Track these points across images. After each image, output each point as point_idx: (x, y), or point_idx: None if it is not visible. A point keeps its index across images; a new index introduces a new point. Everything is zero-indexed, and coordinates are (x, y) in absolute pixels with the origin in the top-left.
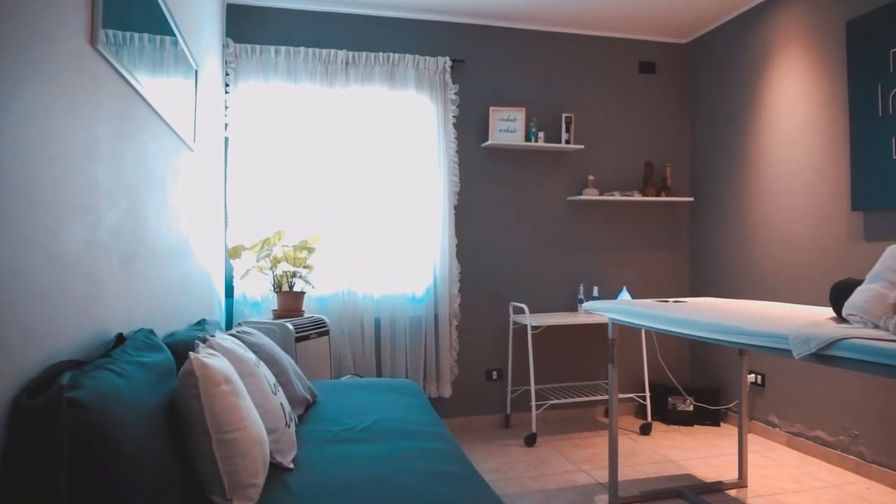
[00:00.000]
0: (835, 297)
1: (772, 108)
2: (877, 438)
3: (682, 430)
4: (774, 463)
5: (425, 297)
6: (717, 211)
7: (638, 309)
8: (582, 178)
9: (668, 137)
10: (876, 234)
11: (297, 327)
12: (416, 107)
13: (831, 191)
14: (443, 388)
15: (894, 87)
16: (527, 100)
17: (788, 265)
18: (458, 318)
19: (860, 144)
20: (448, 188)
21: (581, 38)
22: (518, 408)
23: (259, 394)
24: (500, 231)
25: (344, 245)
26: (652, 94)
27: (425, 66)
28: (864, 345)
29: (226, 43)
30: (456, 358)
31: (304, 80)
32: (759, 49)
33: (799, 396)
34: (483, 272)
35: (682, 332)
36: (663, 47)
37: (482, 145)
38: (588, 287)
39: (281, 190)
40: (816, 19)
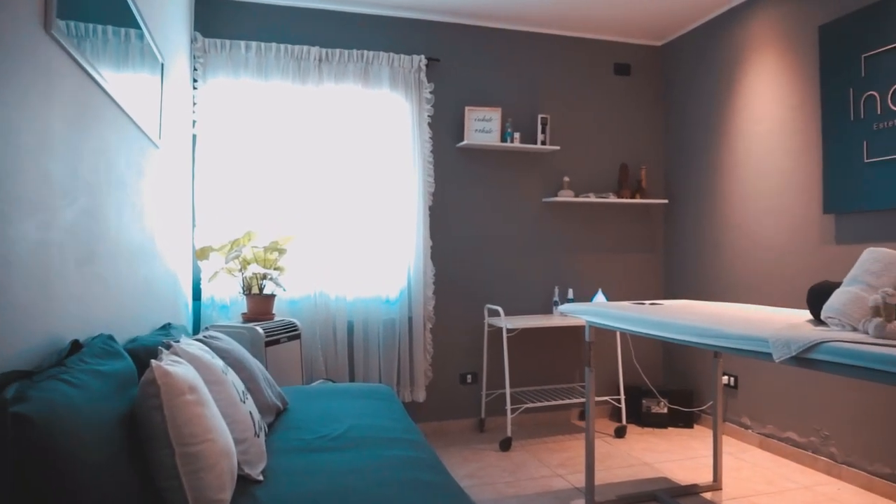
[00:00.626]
0: (812, 300)
1: (745, 111)
2: (847, 439)
3: (657, 433)
4: (748, 464)
5: (399, 300)
6: (690, 213)
7: (616, 311)
8: (557, 180)
9: (643, 139)
10: (847, 237)
11: (267, 331)
12: (390, 106)
13: (803, 193)
14: (417, 393)
15: (866, 91)
16: (503, 100)
17: (761, 267)
18: (432, 321)
19: (832, 148)
20: (423, 189)
21: (557, 38)
22: (492, 412)
23: (226, 402)
24: (475, 232)
25: (316, 246)
26: (627, 96)
27: (400, 64)
28: (845, 348)
29: (194, 37)
30: (430, 361)
31: (276, 76)
32: (732, 52)
33: (771, 398)
34: (458, 274)
35: (662, 336)
36: (638, 49)
37: (457, 145)
38: (563, 289)
39: (251, 190)
40: (789, 24)
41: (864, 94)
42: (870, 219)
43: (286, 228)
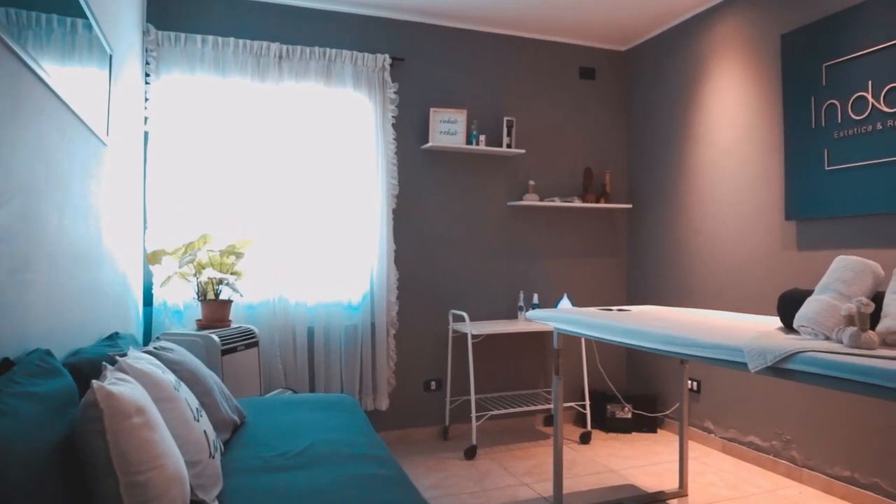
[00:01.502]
0: (783, 308)
1: (708, 117)
2: (808, 443)
3: (621, 438)
4: (711, 469)
5: (361, 305)
6: (654, 218)
7: (586, 319)
8: (523, 183)
9: (607, 144)
10: (808, 244)
11: (223, 339)
12: (353, 105)
13: (766, 200)
14: (380, 401)
15: (827, 100)
16: (468, 101)
17: (723, 273)
18: (395, 327)
19: (794, 155)
20: (386, 191)
21: (523, 40)
22: (457, 419)
23: (179, 422)
24: (439, 236)
25: (275, 250)
26: (592, 100)
27: (363, 63)
28: (821, 358)
29: (146, 29)
30: (393, 368)
31: (234, 73)
32: (696, 59)
33: (733, 402)
34: (422, 278)
35: (634, 344)
36: (603, 54)
37: (422, 147)
38: (528, 294)
39: (207, 191)
40: (752, 32)
41: (826, 103)
42: (830, 225)
43: (244, 231)
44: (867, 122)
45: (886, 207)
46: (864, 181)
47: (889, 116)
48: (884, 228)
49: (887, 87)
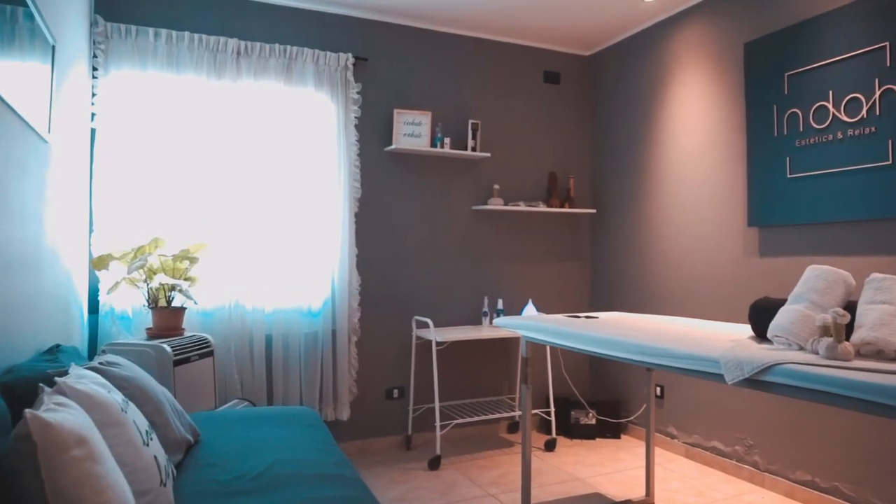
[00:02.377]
0: (755, 317)
1: (672, 123)
2: (770, 448)
3: (586, 444)
4: (676, 475)
5: (322, 311)
6: (617, 223)
7: (556, 327)
8: (487, 187)
9: (572, 148)
10: (770, 250)
11: (175, 349)
12: (314, 105)
13: (729, 206)
14: (340, 411)
15: (789, 108)
16: (433, 103)
17: (686, 279)
18: (357, 334)
19: (756, 163)
20: (348, 194)
21: (488, 43)
22: (420, 427)
23: (126, 448)
24: (403, 241)
25: (232, 254)
26: (556, 105)
27: (326, 61)
28: (800, 370)
29: (94, 20)
30: (355, 377)
31: (189, 69)
32: (660, 65)
33: (696, 408)
34: (385, 284)
35: (607, 354)
36: (567, 58)
37: (385, 149)
38: (493, 299)
39: (159, 192)
40: (716, 39)
41: (788, 112)
42: (792, 232)
43: (198, 235)
44: (828, 132)
45: (846, 215)
46: (824, 189)
47: (849, 126)
48: (844, 236)
49: (848, 98)
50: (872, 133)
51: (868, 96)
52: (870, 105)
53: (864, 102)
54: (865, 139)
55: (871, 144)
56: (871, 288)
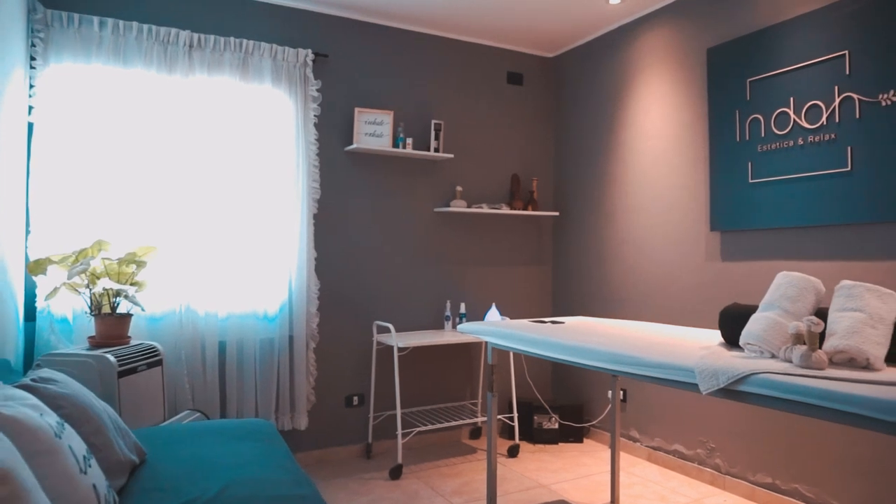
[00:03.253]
0: (724, 323)
1: (635, 126)
2: (731, 450)
3: (548, 450)
4: (639, 480)
5: (279, 316)
6: (580, 226)
7: (523, 334)
8: (450, 189)
9: (535, 150)
10: (732, 255)
11: (121, 359)
12: (272, 102)
13: (691, 210)
14: (298, 420)
15: (751, 114)
16: (395, 103)
17: (649, 283)
18: (316, 340)
19: (719, 167)
20: (307, 195)
21: (451, 42)
22: (380, 435)
23: (60, 479)
24: (364, 243)
25: (183, 256)
26: (519, 106)
27: (284, 57)
28: (778, 380)
29: (32, 6)
30: (313, 384)
31: (137, 62)
32: (623, 68)
33: (658, 411)
34: (345, 288)
35: (577, 362)
36: (531, 59)
37: (346, 149)
38: (455, 303)
39: (103, 192)
40: (679, 44)
41: (750, 117)
42: (754, 237)
43: (147, 237)
44: (789, 138)
45: (807, 221)
46: (785, 195)
47: (810, 132)
48: (805, 241)
49: (808, 104)
50: (832, 140)
51: (828, 103)
52: (829, 112)
53: (823, 109)
54: (825, 146)
55: (831, 151)
56: (841, 295)
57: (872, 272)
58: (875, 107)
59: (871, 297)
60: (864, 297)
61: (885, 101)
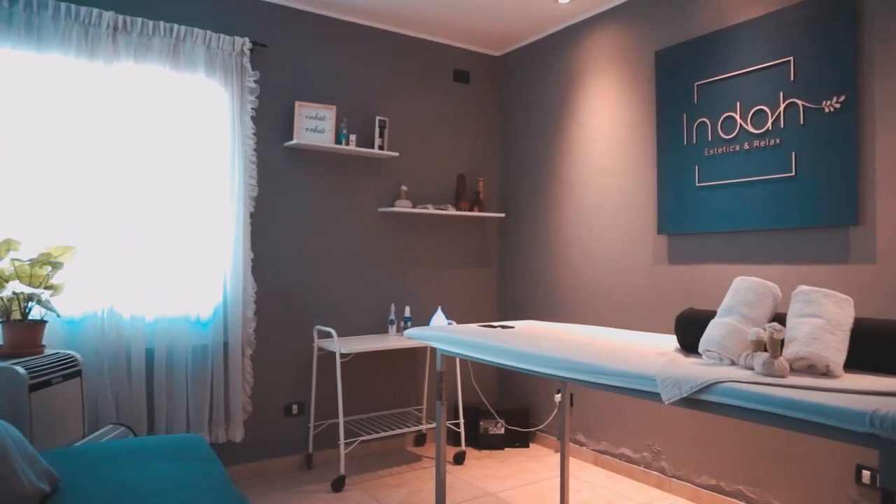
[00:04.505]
0: (681, 329)
1: (583, 128)
2: (676, 453)
3: (495, 455)
4: (586, 485)
5: (213, 321)
6: (527, 228)
7: (474, 340)
8: (395, 189)
9: (482, 150)
10: (679, 258)
11: (32, 371)
12: (205, 93)
13: (639, 213)
14: (233, 431)
15: (699, 118)
16: (338, 97)
17: (596, 286)
18: (252, 346)
19: (666, 170)
20: (243, 192)
21: (397, 36)
22: (321, 445)
23: None
24: (304, 244)
25: (106, 256)
26: (466, 105)
27: (219, 45)
28: (742, 389)
29: None
30: (250, 393)
31: (54, 46)
32: (571, 69)
33: (604, 415)
34: (284, 291)
35: (533, 370)
36: (477, 57)
37: (285, 144)
38: (400, 306)
39: (13, 188)
40: (627, 46)
41: (697, 121)
42: (701, 241)
43: (64, 236)
44: (735, 142)
45: (753, 225)
46: (732, 199)
47: (756, 137)
48: (751, 245)
49: (754, 109)
50: (777, 145)
51: (773, 109)
52: (775, 117)
53: (769, 115)
54: (770, 150)
55: (776, 156)
56: (799, 301)
57: (816, 276)
58: (819, 113)
59: (828, 302)
60: (822, 302)
61: (829, 108)
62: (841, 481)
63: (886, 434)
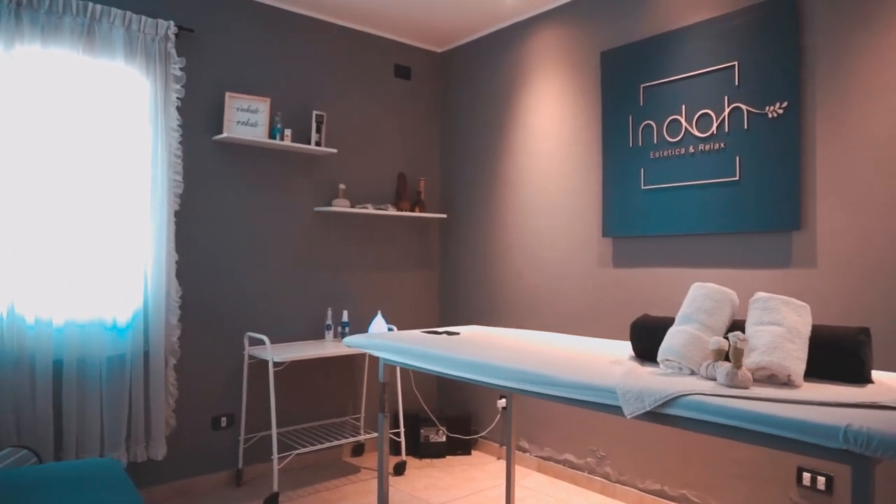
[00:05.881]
0: (636, 336)
1: (526, 128)
2: (620, 458)
3: (436, 464)
4: (530, 492)
5: (132, 327)
6: (469, 230)
7: (419, 349)
8: (332, 187)
9: (423, 149)
10: (624, 261)
11: None
12: (124, 80)
13: (584, 216)
14: (155, 449)
15: (644, 120)
16: (273, 89)
17: (540, 289)
18: (177, 356)
19: (612, 172)
20: (166, 188)
21: (337, 28)
22: (253, 459)
23: None
24: (235, 245)
25: (6, 251)
26: (407, 101)
27: (140, 27)
28: (708, 402)
29: None
30: (174, 406)
31: None
32: (515, 67)
33: (548, 420)
34: (213, 295)
35: (484, 381)
36: (419, 53)
37: (214, 138)
38: (337, 311)
39: None
40: (573, 46)
41: (643, 123)
42: (646, 244)
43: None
44: (680, 145)
45: (698, 229)
46: (677, 202)
47: (701, 141)
48: (695, 249)
49: (699, 113)
50: (721, 149)
51: (718, 113)
52: (719, 122)
53: (714, 119)
54: (715, 154)
55: (721, 160)
56: (757, 308)
57: (760, 281)
58: (763, 118)
59: (787, 310)
60: (781, 310)
61: (772, 114)
62: (782, 483)
63: (860, 450)
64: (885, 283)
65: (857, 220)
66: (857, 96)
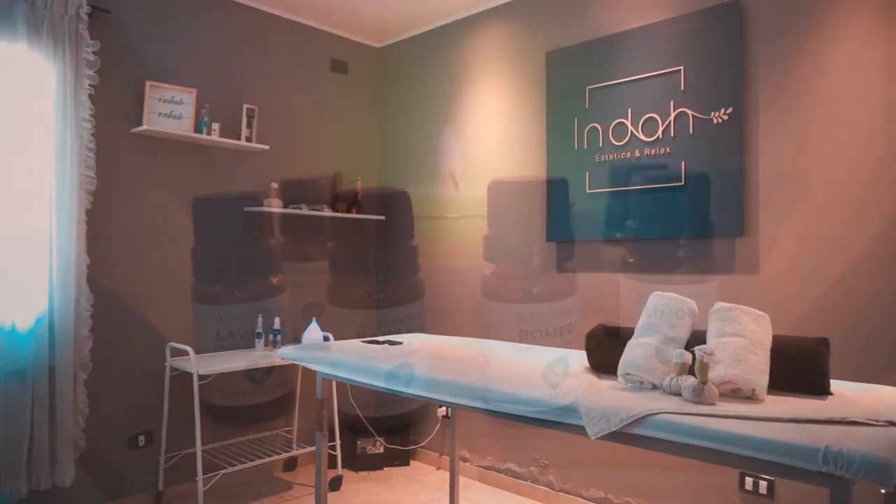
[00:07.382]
0: (593, 348)
1: (469, 128)
2: (564, 466)
3: (374, 477)
4: (472, 503)
5: (34, 336)
6: (407, 233)
7: (361, 363)
8: (264, 186)
9: (360, 147)
10: (567, 266)
11: None
12: (26, 63)
13: (528, 220)
14: (61, 474)
15: (590, 123)
16: (199, 80)
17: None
18: (88, 370)
19: (557, 175)
20: (76, 185)
21: (270, 17)
22: (175, 480)
23: None
24: (156, 247)
25: None
26: (344, 97)
27: (46, 5)
28: (678, 422)
29: None
30: (84, 426)
31: None
32: (457, 66)
33: (489, 429)
34: (129, 303)
35: (435, 399)
36: (357, 47)
37: (133, 131)
38: (268, 318)
39: None
40: (518, 45)
41: (588, 126)
42: (590, 248)
43: None
44: (626, 149)
45: (641, 233)
46: (622, 206)
47: (646, 145)
48: (640, 254)
49: (645, 117)
50: (667, 153)
51: (664, 117)
52: (665, 126)
53: (660, 123)
54: (661, 159)
55: (666, 165)
56: (717, 319)
57: (704, 287)
58: (708, 124)
59: (748, 320)
60: (742, 320)
61: (717, 119)
62: (725, 489)
63: (841, 472)
64: (825, 290)
65: (798, 227)
66: (800, 104)
